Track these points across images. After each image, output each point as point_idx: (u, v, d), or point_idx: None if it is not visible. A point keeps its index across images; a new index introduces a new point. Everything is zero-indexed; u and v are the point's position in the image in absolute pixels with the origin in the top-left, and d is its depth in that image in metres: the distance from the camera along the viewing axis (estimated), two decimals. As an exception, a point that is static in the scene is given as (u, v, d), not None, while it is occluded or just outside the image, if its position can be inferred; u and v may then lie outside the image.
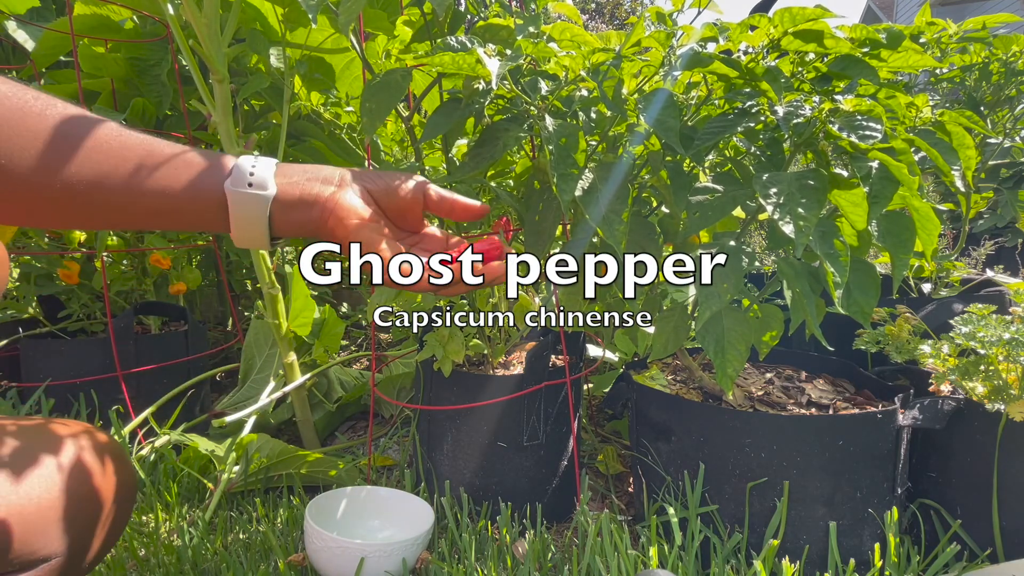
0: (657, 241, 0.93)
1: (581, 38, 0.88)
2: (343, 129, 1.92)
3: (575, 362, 1.19)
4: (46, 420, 0.73)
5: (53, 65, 1.72)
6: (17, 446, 0.65)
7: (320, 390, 1.62)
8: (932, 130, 0.86)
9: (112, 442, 0.76)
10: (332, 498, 1.07)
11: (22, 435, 0.67)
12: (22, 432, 0.68)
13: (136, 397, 1.44)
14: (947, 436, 0.97)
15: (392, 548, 0.92)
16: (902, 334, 1.09)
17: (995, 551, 0.92)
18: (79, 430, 0.73)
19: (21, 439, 0.66)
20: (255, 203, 0.54)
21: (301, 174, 0.57)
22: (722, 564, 0.90)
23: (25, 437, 0.67)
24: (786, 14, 0.80)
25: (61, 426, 0.72)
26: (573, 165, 0.79)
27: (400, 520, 1.07)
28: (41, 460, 0.66)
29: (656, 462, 1.03)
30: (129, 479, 0.76)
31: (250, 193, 0.54)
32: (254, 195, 0.54)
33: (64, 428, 0.72)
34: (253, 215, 0.54)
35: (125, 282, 1.66)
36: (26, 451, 0.65)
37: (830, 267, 0.74)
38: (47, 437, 0.69)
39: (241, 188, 0.54)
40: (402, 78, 0.86)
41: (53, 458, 0.67)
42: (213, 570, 1.00)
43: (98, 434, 0.75)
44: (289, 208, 0.56)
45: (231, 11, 1.21)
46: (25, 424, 0.70)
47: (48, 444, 0.68)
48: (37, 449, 0.66)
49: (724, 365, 0.87)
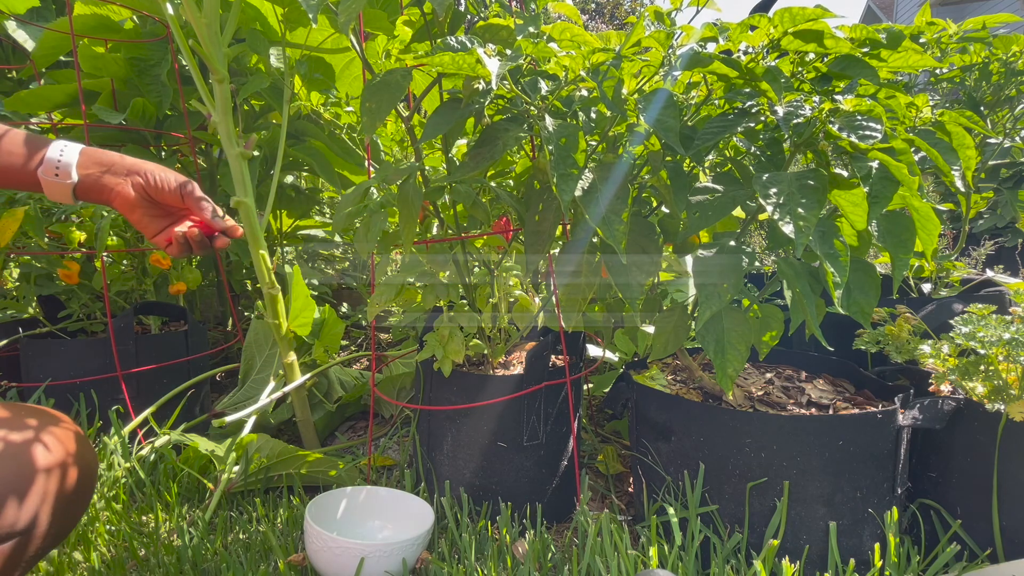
0: (657, 241, 0.93)
1: (581, 38, 0.88)
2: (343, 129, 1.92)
3: (575, 362, 1.19)
4: (5, 403, 0.74)
5: (53, 65, 1.72)
6: None
7: (320, 390, 1.63)
8: (932, 130, 0.86)
9: (66, 420, 0.77)
10: (332, 498, 1.07)
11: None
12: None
13: (136, 397, 1.44)
14: (947, 436, 0.97)
15: (392, 548, 0.92)
16: (902, 334, 1.09)
17: (995, 551, 0.92)
18: (40, 411, 0.75)
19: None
20: (61, 186, 0.77)
21: (97, 167, 0.79)
22: (722, 564, 0.90)
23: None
24: (786, 14, 0.80)
25: (22, 408, 0.74)
26: (573, 165, 0.79)
27: (400, 520, 1.07)
28: (7, 439, 0.67)
29: (656, 462, 1.03)
30: (86, 456, 0.77)
31: (56, 181, 0.76)
32: (59, 183, 0.76)
33: (25, 410, 0.73)
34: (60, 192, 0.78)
35: (125, 282, 1.66)
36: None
37: (830, 267, 0.74)
38: (11, 419, 0.70)
39: (48, 177, 0.76)
40: (402, 78, 0.86)
41: (18, 435, 0.69)
42: (213, 570, 1.00)
43: (57, 414, 0.76)
44: (86, 191, 0.79)
45: (231, 11, 1.21)
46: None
47: (12, 424, 0.69)
48: (3, 429, 0.68)
49: (724, 365, 0.87)
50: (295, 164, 1.96)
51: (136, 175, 0.80)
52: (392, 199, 0.98)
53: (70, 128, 1.69)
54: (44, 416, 0.75)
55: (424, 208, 1.06)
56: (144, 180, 0.80)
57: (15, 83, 1.84)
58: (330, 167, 1.86)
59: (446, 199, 1.08)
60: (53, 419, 0.76)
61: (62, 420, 0.77)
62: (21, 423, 0.72)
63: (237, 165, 1.26)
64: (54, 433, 0.74)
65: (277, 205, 2.02)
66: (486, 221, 1.03)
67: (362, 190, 1.00)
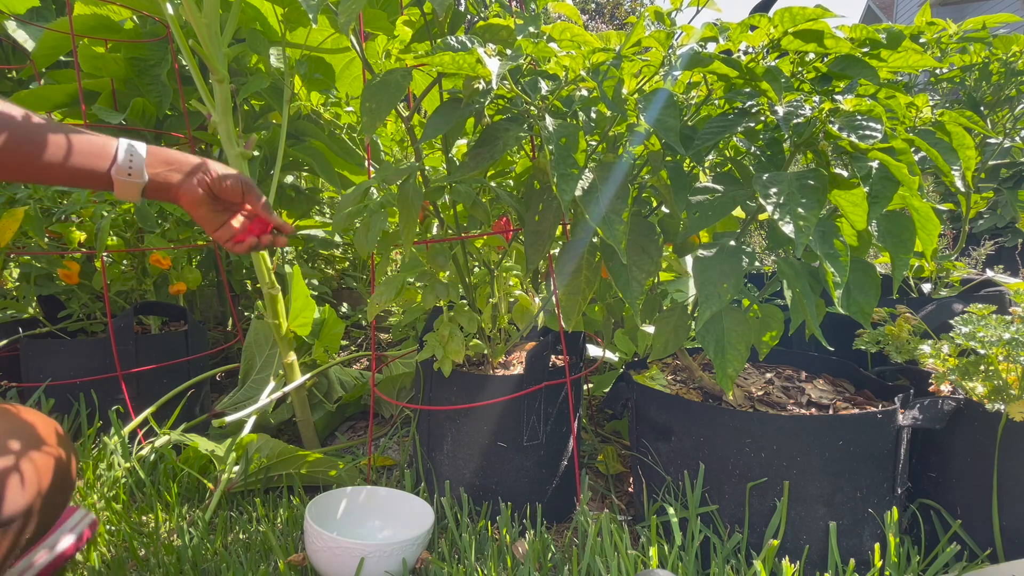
0: (657, 241, 0.92)
1: (581, 38, 0.88)
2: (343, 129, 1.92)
3: (575, 362, 1.19)
4: None
5: (53, 65, 1.72)
6: None
7: (320, 390, 1.62)
8: (932, 130, 0.86)
9: (32, 411, 0.81)
10: (332, 498, 1.07)
11: None
12: None
13: (136, 397, 1.44)
14: (947, 436, 0.97)
15: (392, 548, 0.92)
16: (902, 334, 1.09)
17: (995, 551, 0.92)
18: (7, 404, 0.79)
19: None
20: (133, 186, 0.80)
21: (164, 166, 0.82)
22: (722, 564, 0.90)
23: None
24: (786, 14, 0.80)
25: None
26: (573, 165, 0.79)
27: (400, 520, 1.07)
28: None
29: (656, 462, 1.03)
30: (57, 441, 0.81)
31: (128, 181, 0.79)
32: (132, 182, 0.79)
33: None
34: (131, 192, 0.80)
35: (125, 282, 1.66)
36: None
37: (830, 267, 0.74)
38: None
39: (122, 177, 0.79)
40: (402, 78, 0.86)
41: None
42: (213, 570, 0.99)
43: (26, 409, 0.81)
44: (155, 190, 0.82)
45: (231, 11, 1.21)
46: None
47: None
48: None
49: (724, 365, 0.87)
50: (295, 164, 1.96)
51: (201, 173, 0.83)
52: (392, 199, 0.98)
53: (70, 128, 1.69)
54: (22, 412, 0.79)
55: (424, 208, 1.06)
56: (209, 178, 0.83)
57: (15, 83, 1.84)
58: (330, 167, 1.86)
59: (446, 199, 1.08)
60: (31, 414, 0.80)
61: (39, 415, 0.81)
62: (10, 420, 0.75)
63: (237, 165, 1.26)
64: (36, 426, 0.78)
65: (277, 205, 2.02)
66: (486, 221, 1.03)
67: (362, 190, 1.00)
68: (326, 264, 2.68)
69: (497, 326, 1.21)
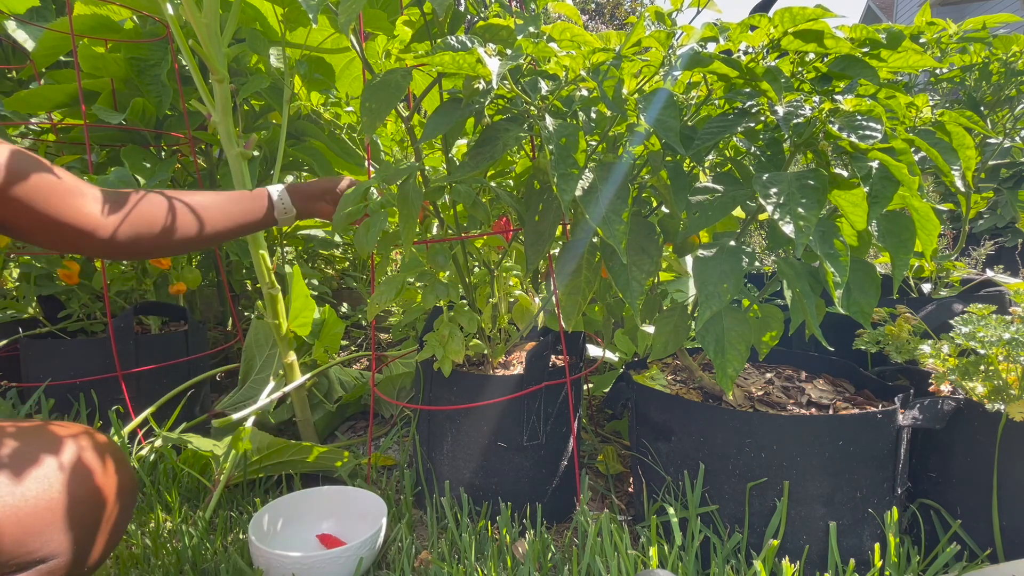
0: (657, 241, 0.92)
1: (581, 38, 0.88)
2: (343, 129, 1.92)
3: (575, 362, 1.19)
4: (46, 422, 0.73)
5: (53, 65, 1.72)
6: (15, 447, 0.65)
7: (320, 390, 1.62)
8: (932, 130, 0.86)
9: (111, 443, 0.76)
10: (279, 507, 1.08)
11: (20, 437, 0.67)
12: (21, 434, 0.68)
13: (136, 397, 1.44)
14: (947, 436, 0.97)
15: (336, 555, 0.93)
16: (902, 334, 1.09)
17: (995, 551, 0.92)
18: (78, 431, 0.73)
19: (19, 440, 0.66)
20: (290, 220, 1.04)
21: (302, 199, 1.04)
22: (722, 564, 0.90)
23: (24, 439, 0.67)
24: (786, 14, 0.80)
25: (60, 428, 0.72)
26: (573, 165, 0.79)
27: (352, 517, 1.10)
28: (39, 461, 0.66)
29: (656, 462, 1.03)
30: (129, 480, 0.76)
31: (287, 219, 1.04)
32: (288, 219, 1.04)
33: (63, 430, 0.72)
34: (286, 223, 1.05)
35: (125, 282, 1.66)
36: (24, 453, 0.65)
37: (830, 267, 0.74)
38: (46, 439, 0.69)
39: (282, 217, 1.03)
40: (402, 78, 0.86)
41: (52, 459, 0.67)
42: (213, 570, 0.99)
43: (97, 435, 0.75)
44: (299, 217, 1.06)
45: (231, 11, 1.21)
46: (24, 426, 0.70)
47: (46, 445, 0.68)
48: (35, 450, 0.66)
49: (724, 365, 0.87)
50: (295, 164, 1.96)
51: (328, 194, 1.05)
52: (392, 199, 0.98)
53: (70, 128, 1.69)
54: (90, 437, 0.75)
55: (424, 208, 1.06)
56: (333, 198, 1.05)
57: (15, 83, 1.84)
58: (330, 167, 1.86)
59: (446, 199, 1.08)
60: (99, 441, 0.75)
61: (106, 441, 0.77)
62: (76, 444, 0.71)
63: (237, 165, 1.26)
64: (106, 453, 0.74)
65: (277, 205, 2.02)
66: (486, 221, 1.03)
67: (362, 190, 1.00)
68: (326, 264, 2.68)
69: (497, 326, 1.21)
